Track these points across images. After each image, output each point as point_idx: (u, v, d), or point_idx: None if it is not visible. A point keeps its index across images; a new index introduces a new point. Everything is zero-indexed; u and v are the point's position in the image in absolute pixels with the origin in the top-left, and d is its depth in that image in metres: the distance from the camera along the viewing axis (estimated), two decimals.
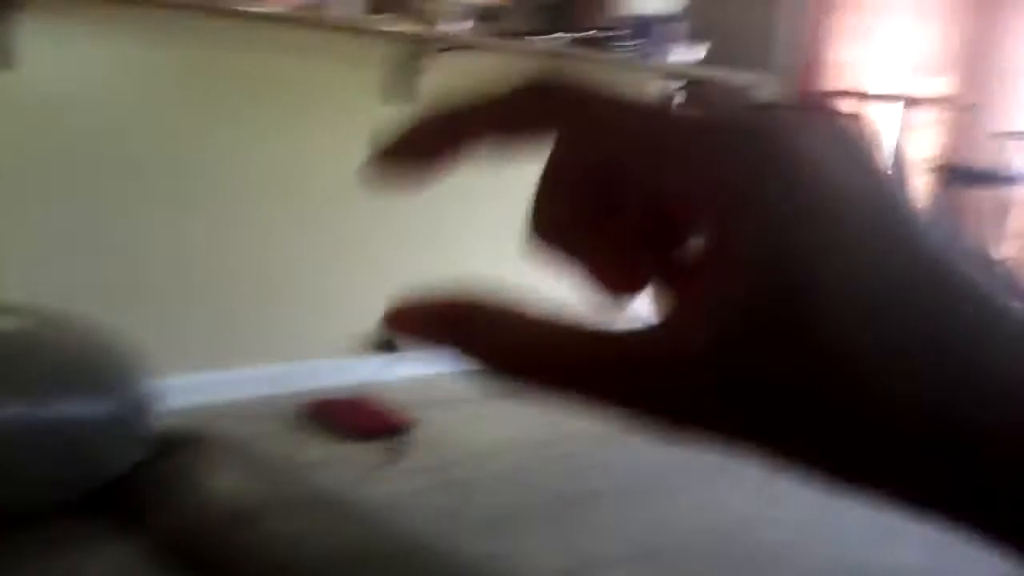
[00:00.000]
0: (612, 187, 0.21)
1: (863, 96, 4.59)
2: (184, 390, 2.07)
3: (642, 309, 0.22)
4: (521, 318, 0.20)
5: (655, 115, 0.20)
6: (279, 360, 2.32)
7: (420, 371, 2.36)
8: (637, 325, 0.19)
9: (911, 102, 4.64)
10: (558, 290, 0.28)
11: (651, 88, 2.98)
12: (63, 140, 1.90)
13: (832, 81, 4.74)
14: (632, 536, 1.89)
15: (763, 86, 3.00)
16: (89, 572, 0.73)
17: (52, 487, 0.84)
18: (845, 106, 0.22)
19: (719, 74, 2.95)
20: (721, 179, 0.19)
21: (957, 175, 4.50)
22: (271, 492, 0.83)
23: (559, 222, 0.22)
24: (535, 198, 0.22)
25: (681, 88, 3.01)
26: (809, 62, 4.92)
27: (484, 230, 2.69)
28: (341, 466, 1.90)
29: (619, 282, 0.23)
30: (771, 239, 0.18)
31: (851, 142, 0.21)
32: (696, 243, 0.21)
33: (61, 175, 1.91)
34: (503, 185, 2.77)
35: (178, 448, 0.90)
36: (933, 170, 4.66)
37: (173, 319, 2.14)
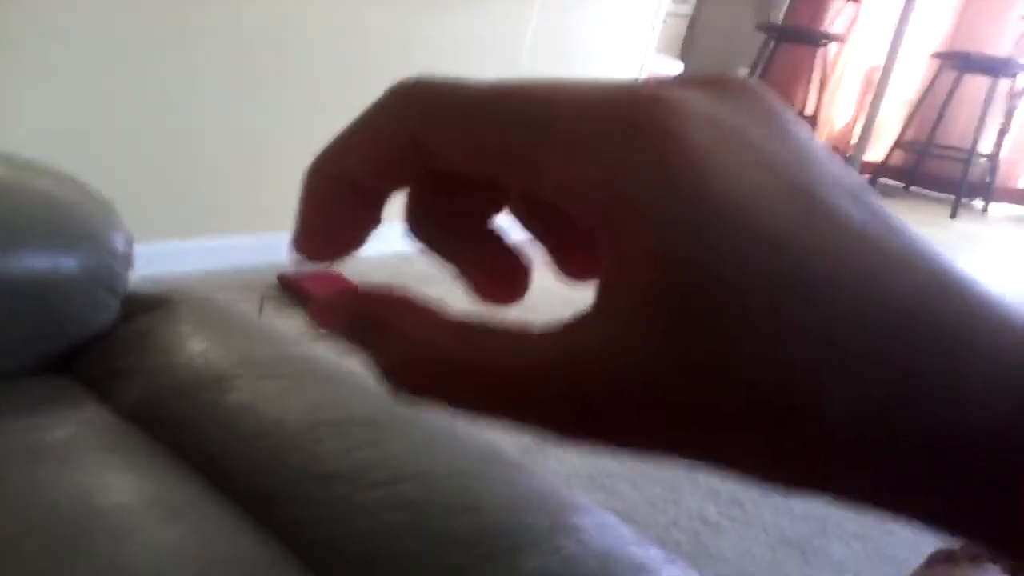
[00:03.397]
0: (476, 186, 0.20)
1: None
2: (156, 258, 2.04)
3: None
4: (425, 326, 0.19)
5: (516, 103, 0.18)
6: (254, 231, 2.28)
7: (395, 248, 2.32)
8: (551, 327, 0.18)
9: None
10: None
11: None
12: (43, 4, 1.79)
13: None
14: None
15: None
16: (55, 435, 0.71)
17: (18, 346, 0.82)
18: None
19: None
20: (597, 181, 0.17)
21: (965, 63, 4.41)
22: (242, 356, 0.81)
23: (427, 225, 0.22)
24: (406, 198, 0.21)
25: None
26: None
27: None
28: (313, 337, 1.89)
29: (494, 288, 0.22)
30: (665, 255, 0.16)
31: (759, 110, 0.18)
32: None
33: (37, 36, 1.81)
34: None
35: (148, 311, 0.87)
36: (938, 56, 4.56)
37: (147, 185, 2.08)
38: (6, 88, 1.82)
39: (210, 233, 2.25)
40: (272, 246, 2.24)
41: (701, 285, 0.16)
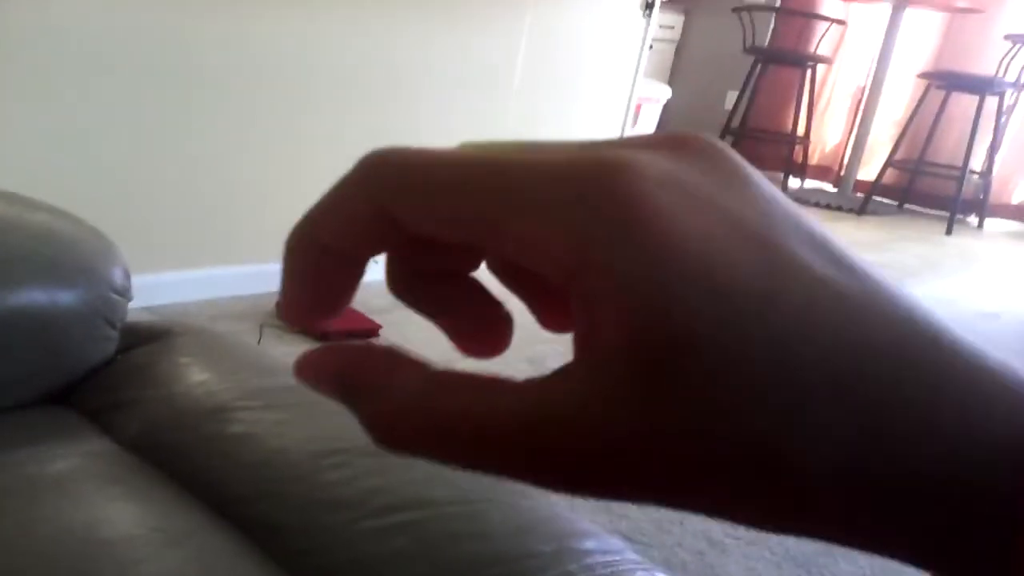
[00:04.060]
0: (452, 247, 0.20)
1: None
2: (155, 288, 2.04)
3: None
4: (409, 379, 0.19)
5: (480, 171, 0.18)
6: (252, 260, 2.28)
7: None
8: (534, 379, 0.18)
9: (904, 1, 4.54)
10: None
11: None
12: (41, 30, 1.80)
13: None
14: None
15: None
16: (57, 467, 0.71)
17: (18, 379, 0.81)
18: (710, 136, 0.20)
19: None
20: (563, 244, 0.17)
21: (950, 82, 4.45)
22: (242, 386, 0.80)
23: (407, 285, 0.22)
24: (386, 261, 0.22)
25: None
26: None
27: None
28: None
29: (474, 344, 0.22)
30: (634, 313, 0.16)
31: (720, 167, 0.18)
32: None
33: (35, 64, 1.82)
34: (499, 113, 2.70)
35: (147, 342, 0.87)
36: (925, 76, 4.60)
37: (144, 217, 2.08)
38: (2, 123, 1.82)
39: (207, 263, 2.25)
40: (270, 274, 2.24)
41: (670, 340, 0.16)
